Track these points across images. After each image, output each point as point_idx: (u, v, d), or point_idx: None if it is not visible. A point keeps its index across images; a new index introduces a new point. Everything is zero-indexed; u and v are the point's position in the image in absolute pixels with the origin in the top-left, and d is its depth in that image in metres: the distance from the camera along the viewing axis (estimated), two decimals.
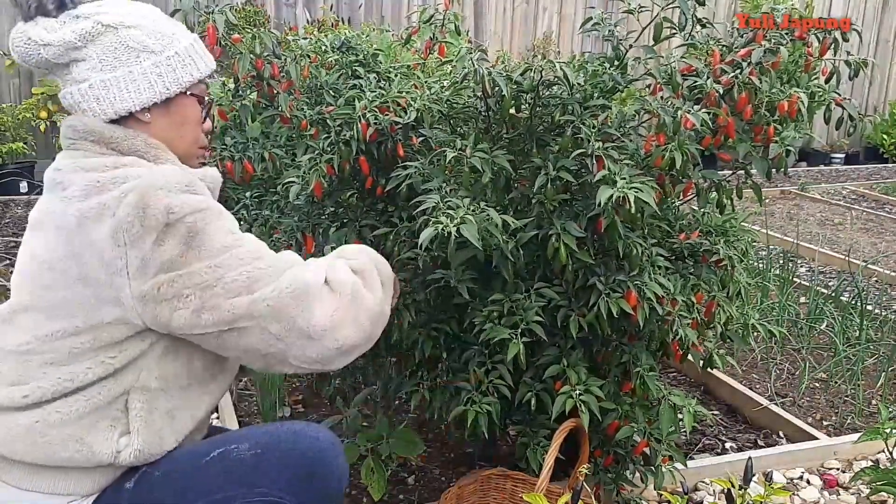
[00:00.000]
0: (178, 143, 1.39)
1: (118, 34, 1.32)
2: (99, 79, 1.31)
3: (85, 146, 1.32)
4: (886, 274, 4.08)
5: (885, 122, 7.87)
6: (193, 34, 1.43)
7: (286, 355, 1.29)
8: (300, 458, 1.31)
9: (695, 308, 1.73)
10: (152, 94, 1.34)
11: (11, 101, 5.52)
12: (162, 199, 1.23)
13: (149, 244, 1.22)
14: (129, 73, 1.32)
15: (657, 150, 1.58)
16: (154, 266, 1.22)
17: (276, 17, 6.15)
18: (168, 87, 1.35)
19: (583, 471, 1.49)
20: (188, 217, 1.24)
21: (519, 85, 1.63)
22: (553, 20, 7.13)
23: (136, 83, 1.32)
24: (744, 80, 1.61)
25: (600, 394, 1.63)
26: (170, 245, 1.23)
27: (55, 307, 1.26)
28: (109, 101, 1.32)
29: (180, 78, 1.36)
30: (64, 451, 1.26)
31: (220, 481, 1.30)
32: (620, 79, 1.74)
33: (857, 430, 2.51)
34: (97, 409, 1.27)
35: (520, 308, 1.63)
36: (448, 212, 1.45)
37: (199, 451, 1.34)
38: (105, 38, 1.31)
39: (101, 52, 1.31)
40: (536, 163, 1.64)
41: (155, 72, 1.33)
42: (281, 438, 1.33)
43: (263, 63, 1.77)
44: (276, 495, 1.30)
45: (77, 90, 1.32)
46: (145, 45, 1.33)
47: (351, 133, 1.68)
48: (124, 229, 1.21)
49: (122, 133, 1.32)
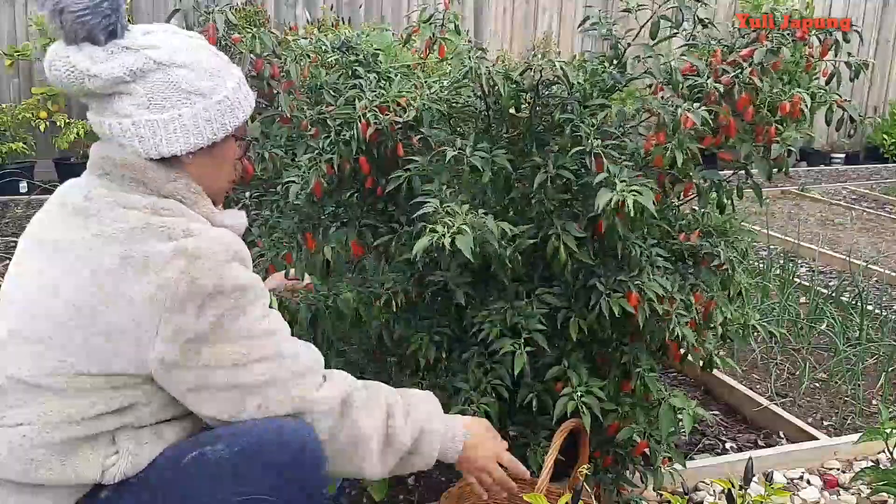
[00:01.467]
0: (214, 184, 1.37)
1: (169, 73, 1.26)
2: (145, 118, 1.26)
3: (120, 181, 1.28)
4: (886, 274, 4.07)
5: (885, 122, 7.87)
6: (239, 71, 1.39)
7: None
8: (283, 454, 1.28)
9: (693, 308, 1.73)
10: (200, 140, 1.30)
11: (11, 101, 5.52)
12: (213, 269, 1.22)
13: (189, 314, 1.20)
14: (179, 115, 1.27)
15: (657, 148, 1.57)
16: (186, 334, 1.21)
17: (276, 17, 6.15)
18: (216, 132, 1.31)
19: (583, 471, 1.49)
20: (233, 294, 1.24)
21: (518, 84, 1.63)
22: (553, 20, 7.12)
23: (186, 127, 1.28)
24: (744, 79, 1.60)
25: (601, 395, 1.62)
26: (208, 317, 1.22)
27: (66, 348, 1.22)
28: (154, 143, 1.27)
29: (228, 123, 1.33)
30: (48, 471, 1.23)
31: (199, 483, 1.27)
32: (620, 78, 1.73)
33: (857, 431, 2.50)
34: (89, 435, 1.25)
35: (521, 315, 1.62)
36: (445, 219, 1.44)
37: (178, 454, 1.30)
38: (155, 75, 1.26)
39: (149, 91, 1.26)
40: (536, 162, 1.64)
41: (204, 116, 1.29)
42: (262, 435, 1.29)
43: (263, 63, 1.76)
44: (254, 493, 1.27)
45: (118, 124, 1.26)
46: (196, 87, 1.28)
47: (351, 133, 1.68)
48: (167, 293, 1.19)
49: (164, 175, 1.28)
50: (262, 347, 1.27)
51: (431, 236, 1.40)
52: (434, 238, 1.40)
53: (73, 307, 1.22)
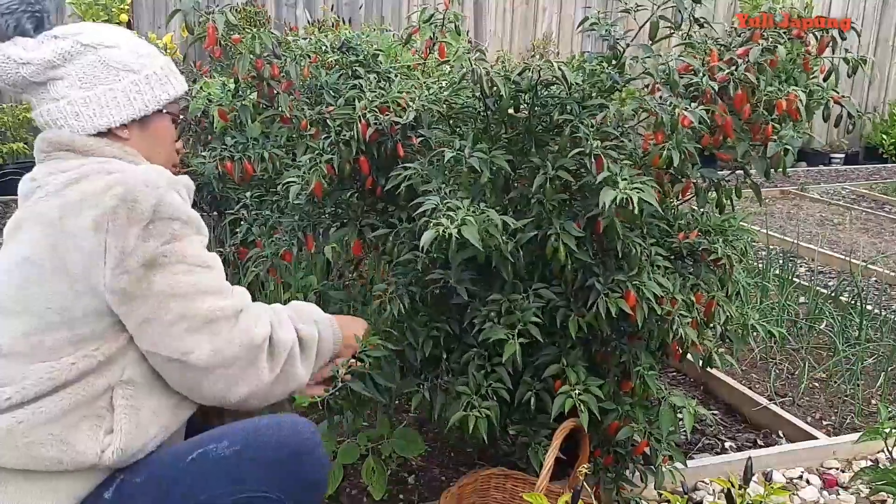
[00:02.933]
0: (153, 159, 1.42)
1: (98, 53, 1.36)
2: (78, 96, 1.35)
3: (61, 156, 1.34)
4: (886, 274, 4.08)
5: (884, 122, 7.87)
6: (166, 56, 1.49)
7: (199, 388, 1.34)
8: (281, 450, 1.30)
9: (694, 307, 1.73)
10: (131, 111, 1.38)
11: (11, 101, 5.52)
12: (151, 193, 1.26)
13: (132, 237, 1.23)
14: (110, 90, 1.36)
15: (655, 148, 1.58)
16: (134, 259, 1.24)
17: (277, 18, 6.15)
18: (147, 104, 1.40)
19: (583, 470, 1.50)
20: (174, 222, 1.27)
21: (517, 85, 1.63)
22: (553, 21, 7.13)
23: (116, 100, 1.37)
24: (739, 76, 1.61)
25: (600, 393, 1.63)
26: (152, 241, 1.25)
27: (28, 304, 1.25)
28: (89, 116, 1.35)
29: (158, 96, 1.42)
30: (47, 451, 1.24)
31: (202, 482, 1.28)
32: (618, 78, 1.74)
33: (856, 430, 2.51)
34: (81, 406, 1.26)
35: (518, 308, 1.63)
36: (448, 213, 1.45)
37: (179, 452, 1.32)
38: (85, 57, 1.35)
39: (80, 71, 1.35)
40: (535, 162, 1.64)
41: (134, 89, 1.38)
42: (261, 433, 1.32)
43: (263, 63, 1.77)
44: (260, 491, 1.28)
45: (55, 107, 1.35)
46: (125, 63, 1.38)
47: (351, 133, 1.68)
48: (108, 219, 1.23)
49: (100, 142, 1.36)
50: (208, 278, 1.32)
51: (437, 229, 1.41)
52: (440, 230, 1.41)
53: (28, 263, 1.25)
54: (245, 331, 1.34)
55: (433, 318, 1.77)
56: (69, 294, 1.24)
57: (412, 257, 1.70)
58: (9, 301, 1.27)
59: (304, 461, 1.32)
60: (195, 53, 5.42)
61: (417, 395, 1.77)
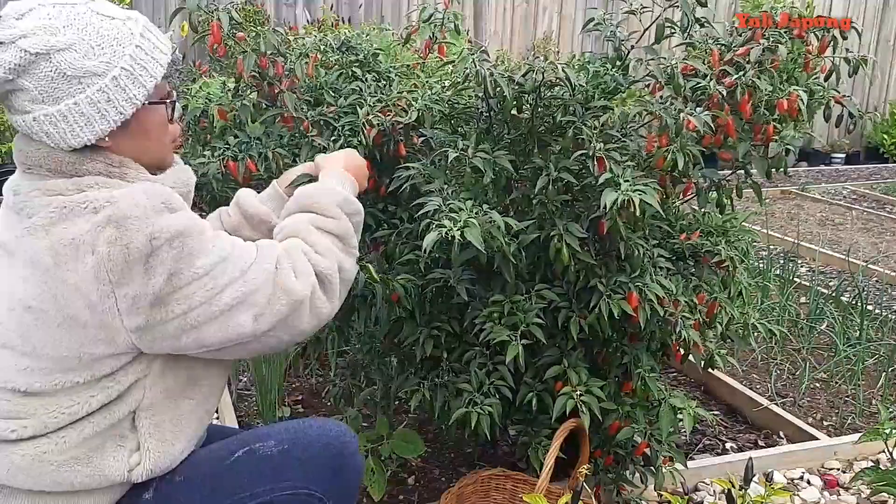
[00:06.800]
0: (145, 155, 1.28)
1: (50, 62, 1.15)
2: (42, 113, 1.17)
3: (43, 174, 1.22)
4: (886, 274, 4.07)
5: (885, 122, 7.87)
6: (139, 26, 1.23)
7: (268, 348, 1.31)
8: (325, 451, 1.34)
9: (697, 309, 1.73)
10: (105, 124, 1.20)
11: None
12: (142, 229, 1.15)
13: (137, 280, 1.15)
14: (74, 104, 1.17)
15: (659, 151, 1.58)
16: (146, 299, 1.17)
17: (276, 17, 6.15)
18: (121, 110, 1.20)
19: (583, 471, 1.50)
20: (174, 241, 1.17)
21: (521, 86, 1.63)
22: (553, 20, 7.12)
23: (84, 115, 1.18)
24: (747, 81, 1.61)
25: (601, 394, 1.63)
26: (158, 275, 1.17)
27: (37, 348, 1.19)
28: (59, 135, 1.19)
29: (133, 96, 1.21)
30: (74, 476, 1.23)
31: (246, 479, 1.31)
32: (622, 80, 1.73)
33: (857, 431, 2.51)
34: (104, 431, 1.24)
35: (520, 309, 1.63)
36: (451, 215, 1.45)
37: (223, 452, 1.34)
38: (37, 67, 1.16)
39: (37, 85, 1.16)
40: (538, 163, 1.64)
41: (102, 98, 1.18)
42: (306, 433, 1.35)
43: (267, 62, 1.76)
44: (302, 488, 1.32)
45: (23, 121, 1.19)
46: (84, 68, 1.17)
47: (359, 138, 1.69)
48: (108, 268, 1.14)
49: (79, 158, 1.21)
50: (224, 273, 1.22)
51: (440, 230, 1.41)
52: (443, 231, 1.41)
53: (31, 311, 1.18)
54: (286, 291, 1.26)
55: (434, 318, 1.77)
56: (84, 341, 1.19)
57: (414, 257, 1.70)
58: (16, 339, 1.21)
59: (346, 463, 1.36)
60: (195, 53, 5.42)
61: (418, 394, 1.77)
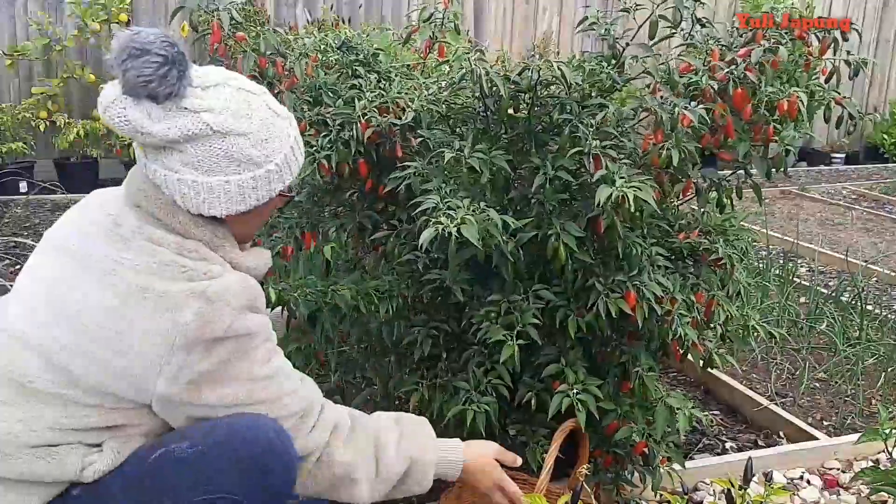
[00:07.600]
0: (247, 233, 1.39)
1: (225, 142, 1.25)
2: (191, 178, 1.25)
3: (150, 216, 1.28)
4: (886, 274, 4.07)
5: (885, 122, 7.87)
6: (295, 130, 1.36)
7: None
8: (245, 452, 1.26)
9: (694, 307, 1.72)
10: (241, 207, 1.30)
11: (11, 101, 5.51)
12: (225, 317, 1.23)
13: (194, 355, 1.22)
14: (226, 182, 1.27)
15: (654, 147, 1.57)
16: (189, 374, 1.23)
17: (276, 17, 6.15)
18: (259, 199, 1.31)
19: (582, 471, 1.49)
20: (240, 339, 1.25)
21: (517, 85, 1.63)
22: (553, 20, 7.12)
23: (229, 194, 1.27)
24: (739, 74, 1.60)
25: (598, 393, 1.62)
26: (213, 358, 1.23)
27: (69, 364, 1.24)
28: (196, 202, 1.27)
29: (274, 189, 1.32)
30: (34, 465, 1.24)
31: (163, 483, 1.26)
32: (618, 78, 1.73)
33: (857, 431, 2.50)
34: (75, 442, 1.27)
35: (517, 309, 1.62)
36: (448, 212, 1.45)
37: (142, 453, 1.30)
38: (210, 142, 1.25)
39: (201, 154, 1.25)
40: (535, 163, 1.64)
41: (251, 185, 1.29)
42: (224, 433, 1.27)
43: (267, 62, 1.76)
44: (222, 493, 1.26)
45: (163, 175, 1.26)
46: (248, 156, 1.27)
47: (350, 133, 1.68)
48: (181, 332, 1.20)
49: (194, 222, 1.29)
50: (263, 390, 1.29)
51: (437, 227, 1.41)
52: (440, 228, 1.41)
53: (93, 326, 1.23)
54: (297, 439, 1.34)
55: (432, 318, 1.77)
56: (114, 374, 1.23)
57: (413, 258, 1.70)
58: (60, 344, 1.24)
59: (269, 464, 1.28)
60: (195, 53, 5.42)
61: (416, 394, 1.77)
